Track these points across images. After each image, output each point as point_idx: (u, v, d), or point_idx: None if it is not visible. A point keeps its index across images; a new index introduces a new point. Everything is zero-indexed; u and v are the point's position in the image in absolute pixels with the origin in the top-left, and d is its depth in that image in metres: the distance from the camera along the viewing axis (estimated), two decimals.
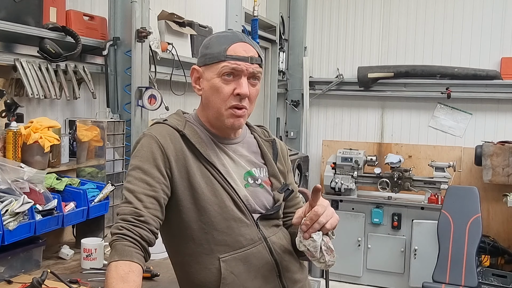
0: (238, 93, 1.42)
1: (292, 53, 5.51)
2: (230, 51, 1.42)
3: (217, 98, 1.43)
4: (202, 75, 1.48)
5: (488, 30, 4.93)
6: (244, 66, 1.42)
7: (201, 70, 1.48)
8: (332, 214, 1.36)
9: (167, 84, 3.27)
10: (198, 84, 1.50)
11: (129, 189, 1.35)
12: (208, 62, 1.45)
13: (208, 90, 1.45)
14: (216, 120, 1.47)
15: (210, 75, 1.44)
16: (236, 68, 1.42)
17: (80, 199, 2.26)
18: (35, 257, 2.09)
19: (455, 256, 4.03)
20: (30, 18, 2.29)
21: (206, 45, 1.48)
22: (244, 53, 1.43)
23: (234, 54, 1.42)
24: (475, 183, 4.70)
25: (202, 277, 1.41)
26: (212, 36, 1.51)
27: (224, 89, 1.42)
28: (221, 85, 1.42)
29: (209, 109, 1.48)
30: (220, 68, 1.42)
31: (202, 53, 1.48)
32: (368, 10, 5.36)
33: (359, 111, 5.45)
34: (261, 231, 1.46)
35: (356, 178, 4.86)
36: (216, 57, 1.43)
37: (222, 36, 1.48)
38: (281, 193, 1.54)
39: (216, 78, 1.43)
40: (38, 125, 2.24)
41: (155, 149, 1.39)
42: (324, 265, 1.37)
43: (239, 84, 1.42)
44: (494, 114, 4.96)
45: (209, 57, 1.45)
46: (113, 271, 1.24)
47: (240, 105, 1.43)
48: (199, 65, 1.49)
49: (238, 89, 1.42)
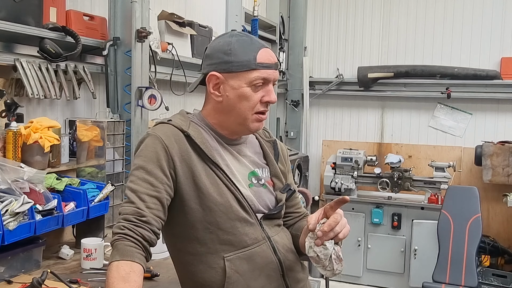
0: (268, 101, 1.45)
1: (292, 53, 5.51)
2: (260, 59, 1.43)
3: (245, 105, 1.44)
4: (223, 82, 1.44)
5: (488, 30, 4.92)
6: (272, 74, 1.45)
7: (222, 77, 1.44)
8: (345, 224, 1.36)
9: (167, 84, 3.27)
10: (217, 91, 1.46)
11: (132, 188, 1.36)
12: (235, 70, 1.42)
13: (234, 98, 1.44)
14: (239, 125, 1.47)
15: (238, 83, 1.43)
16: (267, 78, 1.43)
17: (80, 199, 2.26)
18: (35, 257, 2.09)
19: (455, 256, 4.03)
20: (30, 18, 2.29)
21: (227, 51, 1.43)
22: (271, 59, 1.45)
23: (263, 62, 1.43)
24: (475, 183, 4.69)
25: (206, 276, 1.42)
26: (230, 41, 1.45)
27: (254, 97, 1.44)
28: (251, 94, 1.43)
29: (230, 115, 1.46)
30: (252, 77, 1.42)
31: (223, 60, 1.43)
32: (368, 10, 5.35)
33: (359, 111, 5.45)
34: (265, 230, 1.47)
35: (356, 178, 4.86)
36: (246, 65, 1.42)
37: (243, 41, 1.45)
38: (283, 193, 1.55)
39: (245, 87, 1.43)
40: (38, 125, 2.24)
41: (159, 150, 1.39)
42: (330, 273, 1.37)
43: (268, 92, 1.45)
44: (494, 114, 4.96)
45: (236, 65, 1.42)
46: (114, 271, 1.24)
47: (266, 111, 1.47)
48: (219, 71, 1.44)
49: (267, 97, 1.45)
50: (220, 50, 1.45)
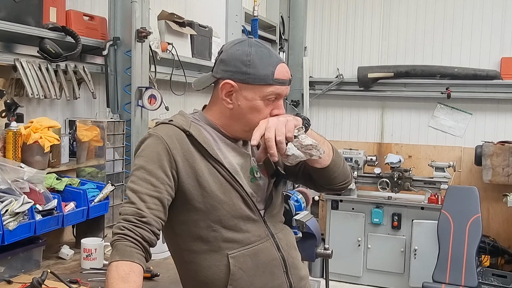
0: (277, 115, 1.44)
1: (292, 53, 5.50)
2: (277, 75, 1.43)
3: (255, 117, 1.44)
4: (237, 91, 1.44)
5: (488, 30, 4.92)
6: (285, 90, 1.46)
7: (236, 87, 1.43)
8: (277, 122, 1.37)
9: (167, 84, 3.27)
10: (229, 98, 1.45)
11: (133, 189, 1.36)
12: (252, 82, 1.42)
13: (245, 108, 1.44)
14: (244, 132, 1.48)
15: (252, 95, 1.43)
16: (280, 94, 1.45)
17: (80, 199, 2.26)
18: (35, 257, 2.09)
19: (455, 256, 4.03)
20: (30, 18, 2.29)
21: (245, 62, 1.42)
22: (286, 76, 1.46)
23: (280, 78, 1.43)
24: (475, 183, 4.69)
25: (210, 274, 1.42)
26: (249, 52, 1.43)
27: (265, 111, 1.44)
28: (263, 107, 1.44)
29: (238, 123, 1.47)
30: (267, 92, 1.42)
31: (241, 70, 1.42)
32: (368, 10, 5.35)
33: (359, 111, 5.44)
34: (269, 227, 1.48)
35: (356, 178, 4.85)
36: (263, 80, 1.42)
37: (263, 54, 1.43)
38: (272, 179, 1.55)
39: (259, 100, 1.43)
40: (38, 125, 2.24)
41: (160, 150, 1.39)
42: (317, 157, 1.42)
43: (278, 106, 1.46)
44: (494, 114, 4.96)
45: (253, 77, 1.41)
46: (113, 271, 1.25)
47: None
48: (235, 80, 1.43)
49: (277, 111, 1.45)
50: (238, 59, 1.43)
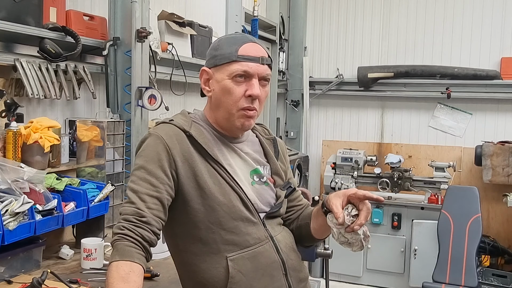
0: (250, 95, 1.42)
1: (292, 53, 5.51)
2: (241, 52, 1.42)
3: (228, 99, 1.43)
4: (212, 77, 1.47)
5: (488, 30, 4.92)
6: (256, 67, 1.42)
7: (211, 72, 1.47)
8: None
9: (167, 84, 3.27)
10: (207, 86, 1.49)
11: (133, 189, 1.36)
12: (219, 63, 1.44)
13: (218, 92, 1.45)
14: (226, 121, 1.47)
15: (221, 76, 1.44)
16: (247, 70, 1.41)
17: (80, 199, 2.26)
18: (35, 257, 2.09)
19: (455, 256, 4.03)
20: (30, 18, 2.29)
21: (215, 47, 1.47)
22: (255, 53, 1.43)
23: (245, 55, 1.42)
24: (475, 183, 4.69)
25: (209, 276, 1.41)
26: (220, 38, 1.51)
27: (236, 91, 1.42)
28: (233, 86, 1.42)
29: (219, 111, 1.47)
30: (232, 69, 1.41)
31: (212, 55, 1.47)
32: (368, 10, 5.35)
33: (359, 111, 5.45)
34: (268, 230, 1.47)
35: (356, 178, 4.86)
36: (227, 58, 1.42)
37: (231, 37, 1.49)
38: (283, 190, 1.55)
39: (227, 80, 1.42)
40: (38, 125, 2.24)
41: (160, 150, 1.39)
42: (358, 249, 1.43)
43: (251, 85, 1.42)
44: (494, 114, 4.96)
45: (219, 58, 1.44)
46: (114, 271, 1.24)
47: (251, 107, 1.43)
48: (208, 66, 1.48)
49: (250, 91, 1.42)
50: (212, 47, 1.50)
